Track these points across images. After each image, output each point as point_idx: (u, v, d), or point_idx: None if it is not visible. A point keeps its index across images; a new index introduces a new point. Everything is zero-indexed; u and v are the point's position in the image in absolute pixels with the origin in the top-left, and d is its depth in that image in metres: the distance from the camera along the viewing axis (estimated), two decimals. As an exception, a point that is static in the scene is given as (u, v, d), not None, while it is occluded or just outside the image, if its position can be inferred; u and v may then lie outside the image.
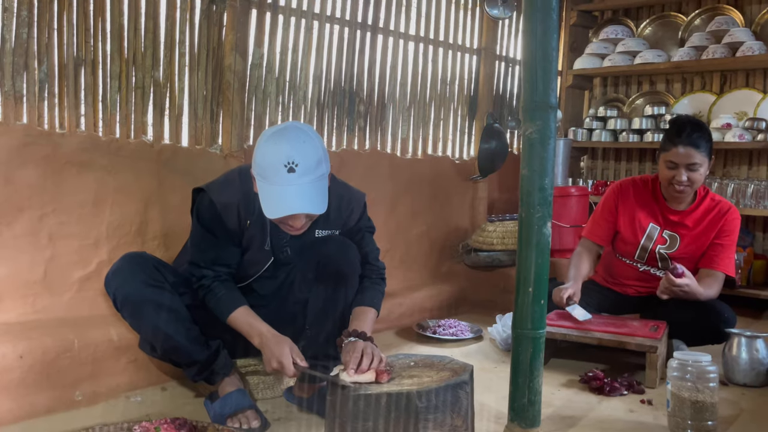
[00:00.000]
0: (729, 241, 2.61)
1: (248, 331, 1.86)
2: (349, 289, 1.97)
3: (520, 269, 1.66)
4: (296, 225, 1.80)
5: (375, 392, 1.61)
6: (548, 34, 1.62)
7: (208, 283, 1.90)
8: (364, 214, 2.06)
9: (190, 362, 1.92)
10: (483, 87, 3.92)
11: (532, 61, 1.63)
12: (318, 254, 1.95)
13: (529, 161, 1.64)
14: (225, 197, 1.89)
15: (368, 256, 2.05)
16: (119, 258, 1.95)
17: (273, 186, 1.72)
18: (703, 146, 2.47)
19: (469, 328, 3.01)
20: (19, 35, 2.10)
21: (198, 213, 1.93)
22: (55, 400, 1.94)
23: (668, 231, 2.65)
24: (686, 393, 1.88)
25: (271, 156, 1.72)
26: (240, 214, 1.90)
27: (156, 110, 2.48)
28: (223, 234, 1.91)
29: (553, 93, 1.64)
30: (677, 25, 4.33)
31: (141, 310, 1.85)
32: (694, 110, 4.19)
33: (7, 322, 2.04)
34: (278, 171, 1.71)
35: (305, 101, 3.00)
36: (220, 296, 1.89)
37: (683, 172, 2.48)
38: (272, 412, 2.00)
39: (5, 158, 2.04)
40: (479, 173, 3.79)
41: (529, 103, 1.64)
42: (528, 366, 1.68)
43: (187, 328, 1.90)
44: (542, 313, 1.67)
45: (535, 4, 1.62)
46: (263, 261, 1.99)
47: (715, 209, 2.62)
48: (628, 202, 2.71)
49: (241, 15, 2.67)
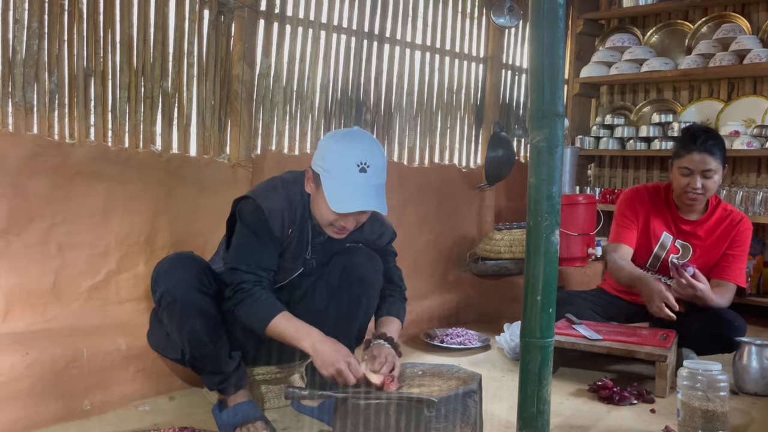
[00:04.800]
0: (740, 251, 2.61)
1: (296, 335, 1.79)
2: (371, 299, 1.99)
3: (528, 278, 1.65)
4: (349, 226, 1.85)
5: (384, 401, 1.61)
6: (555, 43, 1.62)
7: (249, 287, 1.84)
8: (391, 240, 2.14)
9: (215, 371, 1.90)
10: (489, 95, 3.93)
11: (539, 70, 1.62)
12: (344, 261, 1.97)
13: (537, 169, 1.63)
14: (271, 203, 1.88)
15: (393, 276, 2.11)
16: (171, 256, 1.95)
17: (343, 183, 1.77)
18: (717, 153, 2.47)
19: (477, 337, 3.00)
20: (30, 47, 2.12)
21: (244, 217, 1.89)
22: (63, 409, 1.95)
23: (681, 240, 2.65)
24: (697, 402, 1.87)
25: (344, 155, 1.78)
26: (284, 222, 1.90)
27: (164, 120, 2.50)
28: (267, 239, 1.89)
29: (561, 101, 1.64)
30: (684, 33, 4.33)
31: (186, 315, 1.84)
32: (702, 118, 4.18)
33: (17, 331, 2.05)
34: (351, 169, 1.76)
35: (312, 110, 3.02)
36: (263, 300, 1.83)
37: (698, 179, 2.47)
38: (280, 422, 2.00)
39: (16, 168, 2.06)
40: (486, 181, 3.79)
41: (537, 111, 1.63)
42: (537, 375, 1.67)
43: (222, 338, 1.90)
44: (550, 321, 1.66)
45: (541, 13, 1.62)
46: (293, 269, 1.99)
47: (727, 219, 2.62)
48: (644, 207, 2.70)
49: (249, 25, 2.69)
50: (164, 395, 2.18)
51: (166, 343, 1.98)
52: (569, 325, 2.59)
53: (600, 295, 2.89)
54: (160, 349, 2.03)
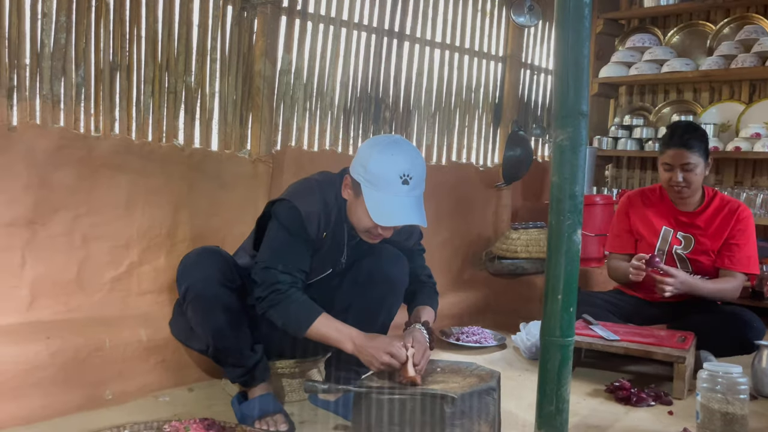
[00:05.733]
0: (744, 239, 2.64)
1: (337, 337, 1.80)
2: (395, 299, 2.01)
3: (550, 277, 1.66)
4: (387, 235, 1.86)
5: (404, 396, 1.62)
6: (580, 42, 1.62)
7: (285, 288, 1.82)
8: (419, 240, 2.16)
9: (237, 364, 1.92)
10: (508, 94, 3.92)
11: (563, 69, 1.63)
12: (370, 261, 1.98)
13: (560, 168, 1.64)
14: (308, 206, 1.88)
15: (422, 273, 2.13)
16: (196, 250, 1.97)
17: (386, 195, 1.77)
18: (696, 147, 2.55)
19: (493, 336, 3.00)
20: (58, 40, 2.15)
21: (281, 218, 1.88)
22: (85, 398, 1.98)
23: (682, 232, 2.70)
24: (716, 405, 1.86)
25: (388, 166, 1.77)
26: (320, 225, 1.90)
27: (187, 115, 2.52)
28: (302, 241, 1.88)
29: (585, 100, 1.64)
30: (705, 34, 4.29)
31: (211, 310, 1.86)
32: (723, 119, 4.14)
33: (41, 320, 2.08)
34: (393, 182, 1.76)
35: (332, 107, 3.03)
36: (301, 302, 1.82)
37: (679, 173, 2.57)
38: (298, 415, 2.02)
39: (42, 160, 2.09)
40: (503, 181, 3.78)
41: (561, 110, 1.63)
42: (556, 374, 1.67)
43: (245, 332, 1.92)
44: (571, 320, 1.66)
45: (567, 12, 1.62)
46: (323, 270, 1.99)
47: (725, 208, 2.67)
48: (639, 209, 2.79)
49: (272, 21, 2.70)
50: (183, 386, 2.20)
51: (190, 334, 2.00)
52: (586, 325, 2.58)
53: (617, 296, 2.88)
54: (184, 339, 2.05)
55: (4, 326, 2.00)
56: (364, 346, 1.76)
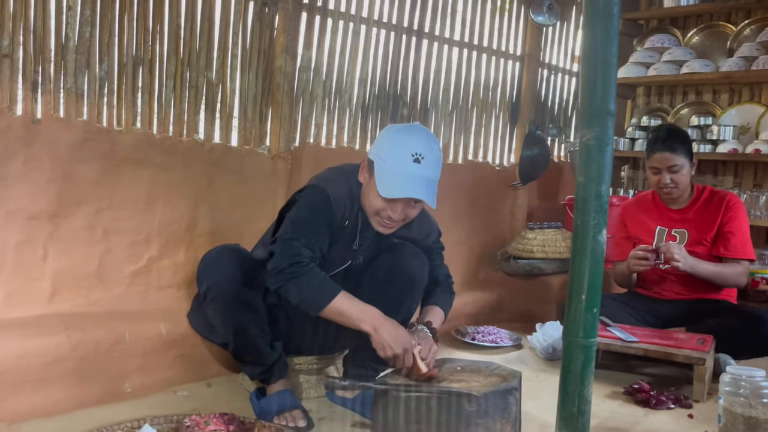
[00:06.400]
0: (735, 226, 2.71)
1: (358, 315, 1.76)
2: (414, 297, 2.00)
3: (574, 276, 1.65)
4: (396, 216, 1.83)
5: (425, 394, 1.61)
6: (609, 40, 1.60)
7: (307, 261, 1.77)
8: (438, 238, 2.16)
9: (256, 362, 1.92)
10: (525, 94, 3.90)
11: (591, 67, 1.61)
12: (390, 257, 1.98)
13: (586, 168, 1.62)
14: (337, 192, 1.88)
15: (441, 272, 2.13)
16: (217, 249, 1.97)
17: (395, 170, 1.78)
18: (679, 149, 2.67)
19: (508, 336, 2.99)
20: (82, 34, 2.16)
21: (309, 198, 1.87)
22: (104, 391, 1.99)
23: (676, 229, 2.80)
24: (739, 409, 1.84)
25: (399, 143, 1.80)
26: (345, 211, 1.90)
27: (208, 110, 2.53)
28: (326, 225, 1.86)
29: (612, 99, 1.62)
30: (725, 35, 4.25)
31: (231, 309, 1.86)
32: (742, 121, 4.10)
33: (63, 313, 2.09)
34: (405, 158, 1.78)
35: (350, 104, 3.03)
36: (322, 277, 1.78)
37: (666, 175, 2.70)
38: (316, 412, 2.01)
39: (66, 154, 2.10)
40: (520, 180, 3.77)
41: (588, 109, 1.62)
42: (578, 375, 1.66)
43: (264, 330, 1.91)
44: (594, 321, 1.65)
45: (596, 10, 1.61)
46: (341, 262, 1.98)
47: (714, 198, 2.77)
48: (634, 215, 2.92)
49: (293, 18, 2.70)
50: (202, 381, 2.20)
51: (211, 328, 2.00)
52: (604, 327, 2.57)
53: (635, 298, 2.87)
54: (205, 333, 2.05)
55: (25, 318, 2.01)
56: (385, 330, 1.74)
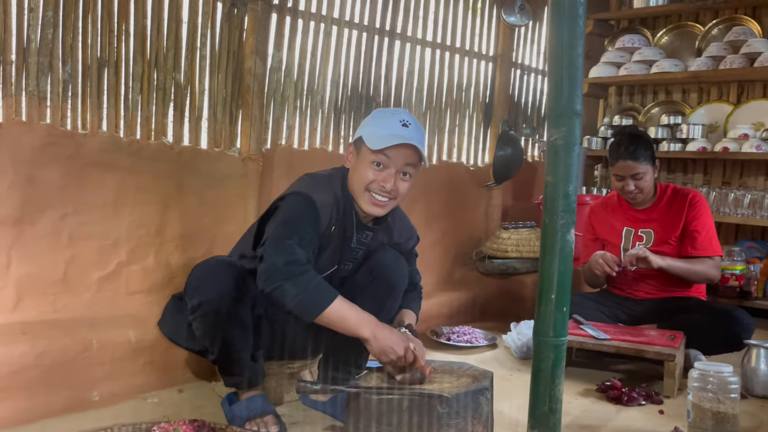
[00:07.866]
0: (700, 224, 2.74)
1: (357, 320, 1.71)
2: (394, 301, 2.02)
3: (543, 276, 1.65)
4: (388, 186, 1.84)
5: (397, 396, 1.61)
6: (574, 41, 1.61)
7: (304, 261, 1.72)
8: (416, 244, 2.21)
9: (237, 373, 1.88)
10: (498, 94, 3.92)
11: (557, 68, 1.62)
12: (372, 262, 2.00)
13: (554, 168, 1.62)
14: (322, 198, 1.85)
15: (414, 277, 2.17)
16: (210, 262, 1.89)
17: (385, 128, 1.83)
18: (642, 156, 2.68)
19: (484, 336, 3.00)
20: (45, 36, 2.12)
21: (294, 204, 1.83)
22: (72, 399, 1.95)
23: (642, 229, 2.83)
24: (708, 404, 1.87)
25: (386, 114, 1.90)
26: (331, 218, 1.87)
27: (176, 112, 2.49)
28: (314, 229, 1.82)
29: (579, 99, 1.62)
30: (694, 35, 4.32)
31: (223, 326, 1.82)
32: (711, 120, 4.17)
33: (27, 321, 2.05)
34: (393, 123, 1.84)
35: (323, 105, 3.01)
36: (319, 281, 1.73)
37: (630, 182, 2.72)
38: (289, 416, 2.00)
39: (28, 158, 2.05)
40: (494, 180, 3.78)
41: (555, 109, 1.62)
42: (549, 374, 1.66)
43: (250, 342, 1.89)
44: (564, 320, 1.66)
45: (561, 11, 1.61)
46: (327, 267, 1.95)
47: (677, 197, 2.80)
48: (601, 217, 2.95)
49: (262, 18, 2.68)
50: (173, 388, 2.17)
51: (188, 337, 1.94)
52: (576, 325, 2.59)
53: (607, 296, 2.90)
54: (180, 340, 1.99)
55: (-12, 326, 1.96)
56: (384, 336, 1.71)
